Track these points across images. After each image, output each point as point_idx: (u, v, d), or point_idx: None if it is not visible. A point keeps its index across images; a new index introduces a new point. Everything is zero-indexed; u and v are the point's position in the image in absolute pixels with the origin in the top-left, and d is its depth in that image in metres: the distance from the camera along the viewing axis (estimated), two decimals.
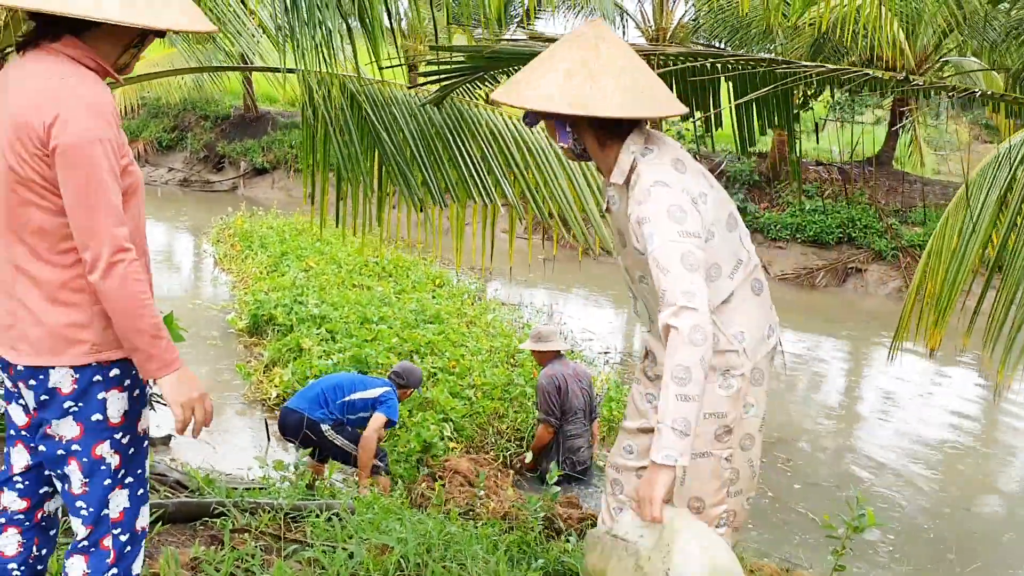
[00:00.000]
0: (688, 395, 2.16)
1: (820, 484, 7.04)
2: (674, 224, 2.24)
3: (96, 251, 1.96)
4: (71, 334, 2.04)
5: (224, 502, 3.47)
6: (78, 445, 2.09)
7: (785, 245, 15.13)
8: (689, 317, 2.16)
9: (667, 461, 2.18)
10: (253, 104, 20.47)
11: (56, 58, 2.02)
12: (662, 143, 2.43)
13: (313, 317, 8.88)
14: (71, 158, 1.94)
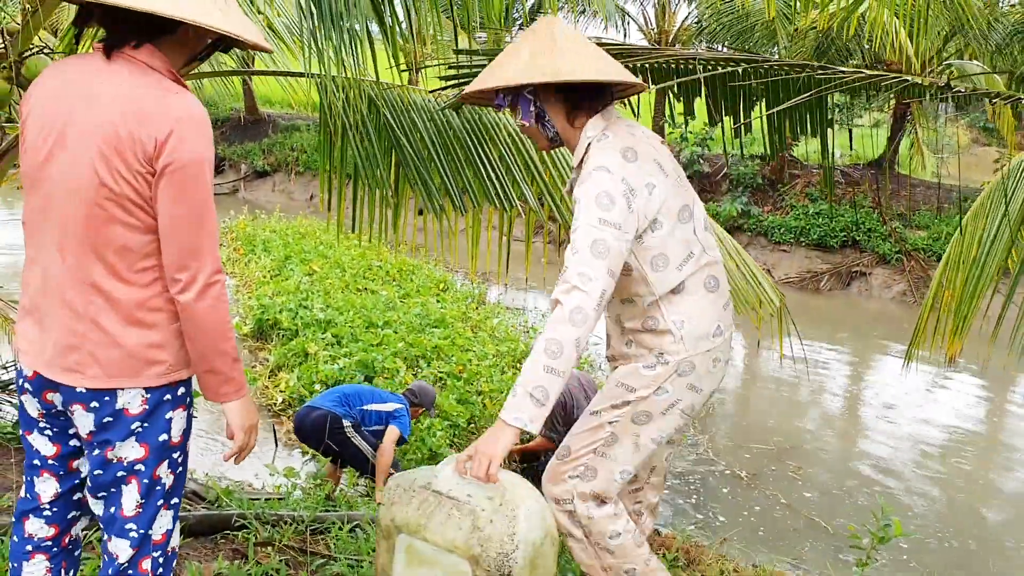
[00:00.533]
0: (555, 369, 2.22)
1: (831, 491, 6.98)
2: (598, 210, 2.29)
3: (196, 271, 1.92)
4: (149, 355, 1.98)
5: (246, 514, 3.41)
6: (142, 465, 2.04)
7: (789, 249, 15.09)
8: (576, 297, 2.23)
9: (516, 423, 2.23)
10: (253, 106, 20.39)
11: (140, 67, 1.94)
12: (620, 129, 2.45)
13: (319, 322, 8.83)
14: (185, 177, 1.89)
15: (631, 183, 2.34)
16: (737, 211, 15.24)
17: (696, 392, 2.51)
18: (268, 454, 6.57)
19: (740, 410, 8.97)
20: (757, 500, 6.68)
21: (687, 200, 2.48)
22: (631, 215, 2.32)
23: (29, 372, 2.05)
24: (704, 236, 2.51)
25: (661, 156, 2.49)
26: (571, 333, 2.22)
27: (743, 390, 9.76)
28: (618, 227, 2.29)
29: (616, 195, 2.31)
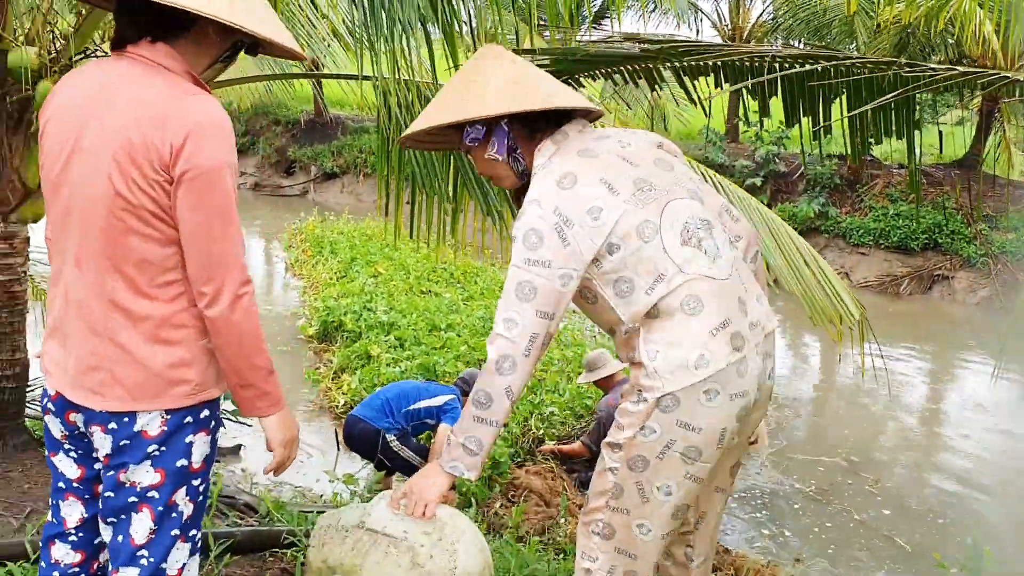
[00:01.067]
0: (485, 419, 2.20)
1: (910, 507, 6.62)
2: (525, 250, 2.17)
3: (221, 283, 1.81)
4: (175, 374, 1.87)
5: (295, 531, 3.30)
6: (156, 492, 1.91)
7: (867, 251, 14.57)
8: (501, 346, 2.17)
9: (453, 471, 2.27)
10: (323, 109, 20.55)
11: (156, 69, 1.82)
12: (569, 151, 2.27)
13: (381, 324, 8.78)
14: (204, 184, 1.77)
15: (566, 213, 2.16)
16: (814, 212, 14.78)
17: (693, 431, 2.19)
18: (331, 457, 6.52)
19: (812, 420, 8.63)
20: (829, 516, 6.36)
21: (648, 215, 2.20)
22: (567, 248, 2.16)
23: (52, 392, 1.96)
24: (681, 252, 2.20)
25: (627, 166, 2.26)
26: (499, 382, 2.17)
27: (816, 399, 9.40)
28: (547, 265, 2.15)
29: (544, 231, 2.15)
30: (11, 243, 3.60)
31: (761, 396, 2.30)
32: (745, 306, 2.25)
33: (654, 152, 2.35)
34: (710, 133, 16.10)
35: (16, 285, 3.66)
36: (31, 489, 3.45)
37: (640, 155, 2.30)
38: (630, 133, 2.39)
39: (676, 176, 2.31)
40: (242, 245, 1.86)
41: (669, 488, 2.23)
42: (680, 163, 2.38)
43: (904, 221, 14.38)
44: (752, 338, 2.24)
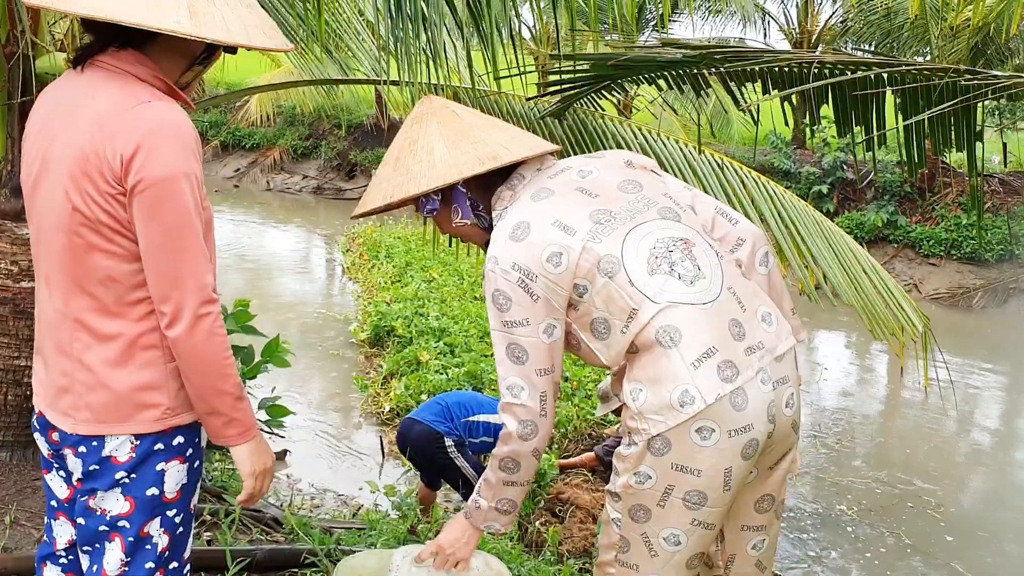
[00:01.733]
0: (515, 482, 2.17)
1: (976, 534, 6.29)
2: (499, 313, 2.10)
3: (180, 302, 1.70)
4: (143, 398, 1.78)
5: (316, 551, 3.21)
6: (126, 522, 1.82)
7: (938, 262, 14.08)
8: (518, 414, 2.10)
9: (486, 528, 2.26)
10: (384, 113, 20.64)
11: (121, 77, 1.73)
12: (523, 196, 2.17)
13: (432, 330, 8.71)
14: (155, 196, 1.67)
15: (525, 267, 2.04)
16: (883, 221, 14.33)
17: (691, 474, 1.99)
18: (377, 463, 6.45)
19: (871, 437, 8.26)
20: (883, 540, 6.05)
21: (612, 248, 2.04)
22: (537, 303, 2.04)
23: (37, 411, 1.92)
24: (651, 281, 2.01)
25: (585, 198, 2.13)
26: (525, 448, 2.12)
27: (876, 415, 9.02)
28: (525, 324, 2.06)
29: (509, 291, 2.06)
30: None
31: (778, 430, 2.06)
32: (742, 328, 2.03)
33: (620, 174, 2.21)
34: (775, 139, 15.74)
35: None
36: None
37: (601, 183, 2.17)
38: (594, 159, 2.28)
39: (645, 196, 2.15)
40: (204, 261, 1.73)
41: (677, 538, 2.05)
42: (652, 179, 2.23)
43: (978, 231, 13.87)
44: (751, 364, 2.01)
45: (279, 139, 21.25)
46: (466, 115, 2.28)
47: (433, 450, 5.09)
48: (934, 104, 2.58)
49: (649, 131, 4.21)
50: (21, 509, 3.31)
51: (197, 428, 1.89)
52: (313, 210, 18.90)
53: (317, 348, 9.13)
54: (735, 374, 1.98)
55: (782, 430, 2.09)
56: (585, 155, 2.33)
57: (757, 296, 2.13)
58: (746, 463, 2.02)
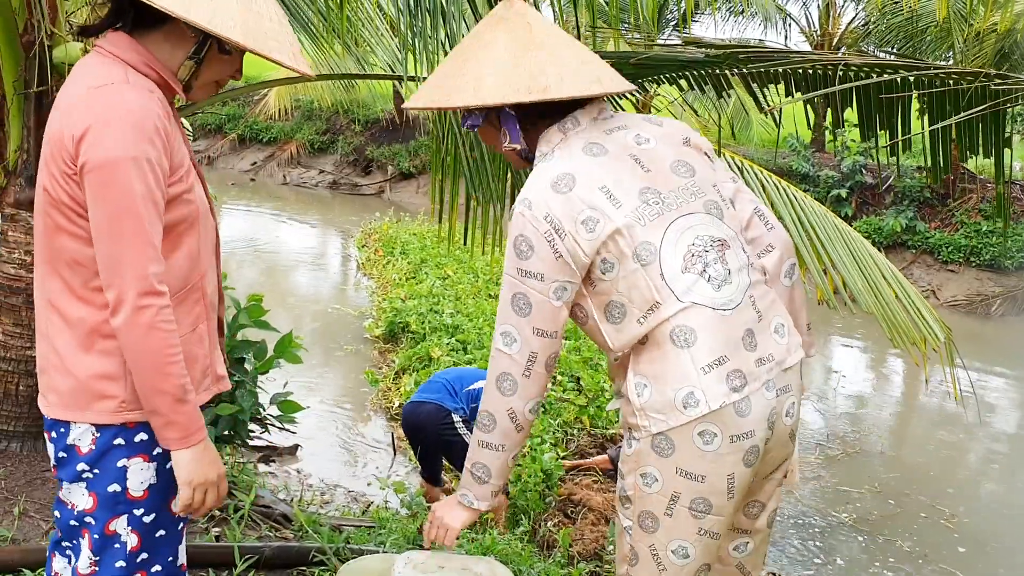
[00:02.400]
0: (490, 443, 2.06)
1: (989, 545, 6.20)
2: (516, 259, 1.98)
3: (120, 291, 1.65)
4: (99, 387, 1.74)
5: (325, 549, 3.18)
6: (91, 518, 1.79)
7: (957, 269, 13.94)
8: (501, 363, 2.01)
9: (463, 501, 2.16)
10: (401, 108, 20.61)
11: (106, 60, 1.72)
12: (574, 144, 2.02)
13: (446, 326, 8.69)
14: (99, 179, 1.64)
15: (557, 221, 1.93)
16: (901, 226, 14.21)
17: (695, 480, 1.95)
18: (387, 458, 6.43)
19: (884, 446, 8.15)
20: (893, 550, 5.97)
21: (651, 236, 1.95)
22: (558, 261, 1.94)
23: None
24: (681, 279, 1.94)
25: (637, 169, 2.00)
26: (501, 403, 2.02)
27: (890, 423, 8.90)
28: (539, 278, 1.95)
29: (534, 240, 1.95)
30: None
31: (776, 436, 2.02)
32: (755, 339, 1.98)
33: (676, 151, 2.08)
34: (794, 141, 15.62)
35: None
36: None
37: (657, 156, 2.04)
38: (653, 125, 2.12)
39: (696, 183, 2.04)
40: (148, 250, 1.67)
41: (686, 550, 2.00)
42: (705, 165, 2.12)
43: (998, 238, 13.73)
44: (759, 376, 1.97)
45: (296, 133, 21.27)
46: (540, 29, 2.07)
47: (442, 427, 5.05)
48: (962, 109, 2.53)
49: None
50: (30, 500, 3.30)
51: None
52: (329, 205, 18.91)
53: (330, 343, 9.13)
54: (743, 384, 1.94)
55: (779, 438, 2.05)
56: (644, 116, 2.15)
57: (775, 307, 2.07)
58: (748, 470, 1.98)
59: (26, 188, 3.50)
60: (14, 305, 3.58)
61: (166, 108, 1.76)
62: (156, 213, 1.68)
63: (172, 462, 1.77)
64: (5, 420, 3.61)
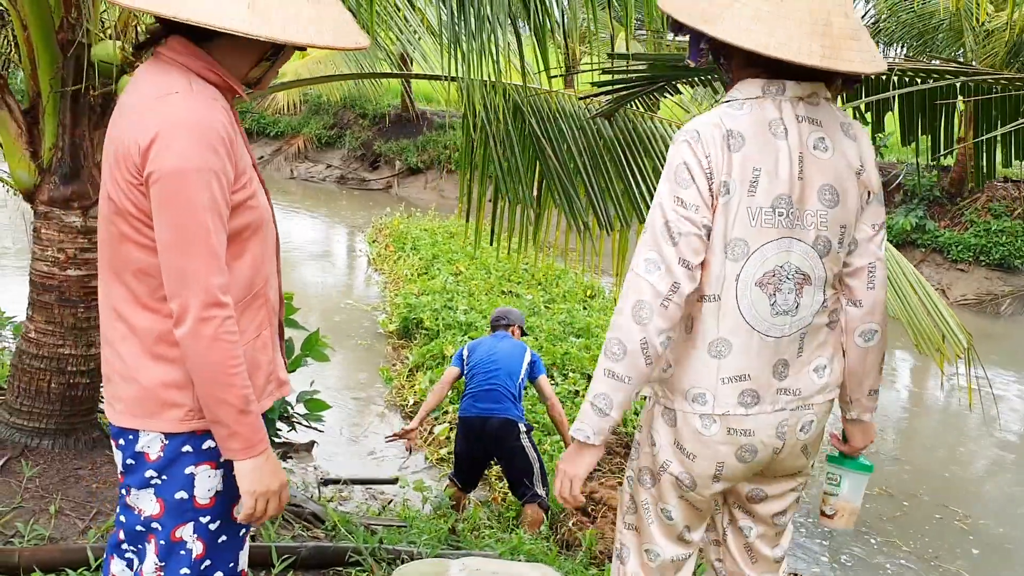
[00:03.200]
0: (617, 373, 1.93)
1: (1003, 547, 6.19)
2: (676, 186, 1.92)
3: (184, 302, 1.64)
4: (166, 396, 1.73)
5: (360, 550, 3.18)
6: (158, 524, 1.79)
7: (967, 268, 13.92)
8: (640, 289, 1.92)
9: (578, 435, 2.00)
10: (411, 103, 20.59)
11: (170, 68, 1.70)
12: (763, 109, 1.92)
13: (459, 323, 8.70)
14: (166, 189, 1.62)
15: (718, 172, 1.89)
16: (911, 225, 14.18)
17: (688, 458, 2.03)
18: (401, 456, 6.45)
19: (897, 446, 8.15)
20: (904, 551, 5.97)
21: (752, 237, 1.92)
22: (708, 203, 1.89)
23: None
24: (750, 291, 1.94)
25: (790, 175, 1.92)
26: (635, 332, 1.90)
27: (902, 424, 8.89)
28: (695, 209, 1.89)
29: (697, 171, 1.89)
30: (90, 238, 3.56)
31: (787, 447, 2.05)
32: (786, 370, 2.01)
33: (837, 176, 1.98)
34: None
35: (94, 280, 3.62)
36: (99, 489, 3.40)
37: (818, 170, 1.96)
38: (846, 137, 2.01)
39: (828, 216, 1.97)
40: (213, 262, 1.65)
41: (669, 513, 2.10)
42: (854, 203, 2.01)
43: (1007, 237, 13.71)
44: (775, 401, 2.01)
45: (304, 128, 21.24)
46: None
47: (511, 439, 5.12)
48: (1010, 115, 2.52)
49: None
50: (65, 499, 3.30)
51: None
52: (336, 200, 18.89)
53: (345, 338, 9.12)
54: (754, 402, 1.99)
55: (791, 450, 2.08)
56: (845, 120, 2.04)
57: (824, 350, 2.07)
58: (741, 465, 2.04)
59: (60, 186, 3.50)
60: (46, 303, 3.57)
61: (229, 114, 1.75)
62: (221, 223, 1.67)
63: (235, 472, 1.77)
64: (38, 417, 3.60)
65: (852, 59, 1.84)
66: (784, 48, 1.80)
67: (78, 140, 3.48)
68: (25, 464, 3.42)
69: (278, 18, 1.64)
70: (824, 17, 1.83)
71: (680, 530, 2.13)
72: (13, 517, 3.14)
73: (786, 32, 1.81)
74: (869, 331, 2.10)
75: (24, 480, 3.35)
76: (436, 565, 2.30)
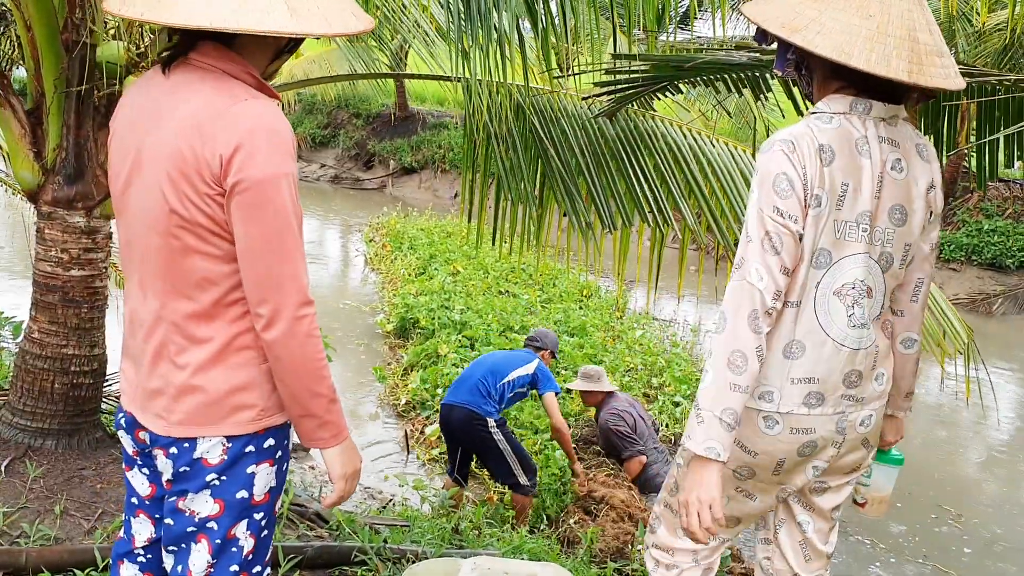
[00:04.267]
0: (740, 385, 1.94)
1: (995, 546, 6.20)
2: (775, 196, 1.95)
3: (278, 304, 1.67)
4: (237, 399, 1.75)
5: (366, 549, 3.19)
6: (215, 523, 1.80)
7: (959, 267, 14.00)
8: (753, 298, 1.95)
9: (708, 454, 1.94)
10: (404, 103, 20.59)
11: (214, 75, 1.70)
12: (850, 129, 1.97)
13: (455, 323, 8.74)
14: (256, 197, 1.63)
15: (811, 182, 1.93)
16: None
17: (748, 455, 2.10)
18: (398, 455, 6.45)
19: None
20: (896, 548, 5.96)
21: (836, 249, 1.99)
22: (804, 208, 1.93)
23: (127, 410, 1.89)
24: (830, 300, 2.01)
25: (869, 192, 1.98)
26: (752, 341, 1.93)
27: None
28: (795, 220, 1.93)
29: (796, 180, 1.93)
30: (94, 238, 3.57)
31: (848, 441, 2.14)
32: (860, 381, 2.10)
33: (908, 195, 2.05)
34: None
35: (97, 280, 3.63)
36: (103, 489, 3.40)
37: (893, 190, 2.03)
38: (920, 159, 2.08)
39: (895, 234, 2.05)
40: (302, 263, 1.71)
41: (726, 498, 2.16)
42: (919, 221, 2.08)
43: (999, 237, 13.79)
44: (837, 404, 2.09)
45: (297, 127, 21.19)
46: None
47: (476, 432, 5.10)
48: (1012, 115, 2.54)
49: (699, 132, 4.17)
50: (70, 499, 3.30)
51: (287, 430, 1.86)
52: (331, 199, 18.88)
53: (343, 338, 9.13)
54: (819, 403, 2.06)
55: (852, 444, 2.16)
56: (919, 141, 2.10)
57: (887, 360, 2.17)
58: (800, 460, 2.11)
59: (64, 186, 3.49)
60: (50, 303, 3.57)
61: None
62: (300, 225, 1.72)
63: (324, 459, 1.82)
64: (41, 418, 3.60)
65: (935, 75, 1.90)
66: (879, 65, 1.85)
67: (82, 140, 3.48)
68: (29, 464, 3.42)
69: (316, 13, 1.65)
70: (911, 34, 1.89)
71: (724, 520, 2.09)
72: (18, 518, 3.13)
73: (882, 49, 1.86)
74: (909, 340, 2.23)
75: (29, 481, 3.35)
76: (447, 564, 2.31)
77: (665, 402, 7.43)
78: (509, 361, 5.40)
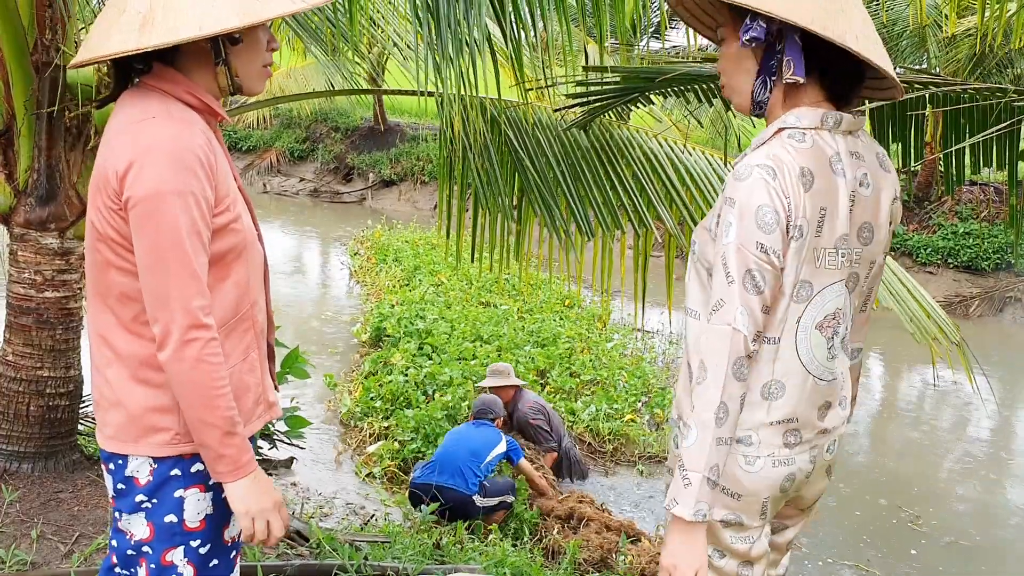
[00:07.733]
0: (722, 438, 1.81)
1: (958, 543, 6.20)
2: (758, 231, 1.77)
3: (166, 325, 1.63)
4: (152, 420, 1.73)
5: (346, 567, 3.18)
6: (148, 547, 1.78)
7: (936, 270, 14.15)
8: (737, 344, 1.80)
9: (696, 517, 1.80)
10: (382, 116, 20.59)
11: (149, 94, 1.71)
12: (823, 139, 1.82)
13: (417, 332, 8.79)
14: (142, 213, 1.62)
15: (793, 206, 1.77)
16: None
17: (732, 498, 1.94)
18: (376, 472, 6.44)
19: (855, 447, 8.14)
20: (855, 553, 5.96)
21: (816, 279, 1.85)
22: (787, 243, 1.78)
23: None
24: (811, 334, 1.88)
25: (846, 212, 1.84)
26: (737, 390, 1.80)
27: (862, 424, 8.88)
28: (778, 256, 1.77)
29: (781, 212, 1.76)
30: (67, 259, 3.54)
31: (816, 469, 2.02)
32: (828, 412, 1.98)
33: (875, 212, 1.93)
34: None
35: (72, 302, 3.60)
36: (80, 512, 3.37)
37: (861, 207, 1.89)
38: (882, 169, 1.95)
39: (863, 253, 1.93)
40: (194, 284, 1.65)
41: (721, 552, 1.99)
42: (884, 235, 1.98)
43: (975, 240, 13.93)
44: (812, 440, 1.98)
45: (276, 141, 21.18)
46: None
47: (468, 508, 5.37)
48: (977, 122, 2.57)
49: (675, 142, 4.19)
50: (47, 523, 3.27)
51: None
52: (310, 213, 18.84)
53: (323, 351, 9.12)
54: (796, 442, 1.94)
55: (819, 472, 2.05)
56: (879, 152, 1.97)
57: (847, 381, 2.06)
58: (782, 496, 1.99)
59: (36, 208, 3.47)
60: (24, 325, 3.55)
61: (209, 137, 1.73)
62: (201, 245, 1.67)
63: (226, 495, 1.76)
64: (16, 441, 3.57)
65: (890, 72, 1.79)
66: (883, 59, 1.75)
67: (54, 162, 3.46)
68: (5, 488, 3.39)
69: (193, 19, 1.62)
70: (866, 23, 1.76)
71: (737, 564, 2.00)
72: None
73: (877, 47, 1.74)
74: (856, 350, 2.14)
75: (4, 505, 3.32)
76: None
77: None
78: (485, 443, 5.70)
